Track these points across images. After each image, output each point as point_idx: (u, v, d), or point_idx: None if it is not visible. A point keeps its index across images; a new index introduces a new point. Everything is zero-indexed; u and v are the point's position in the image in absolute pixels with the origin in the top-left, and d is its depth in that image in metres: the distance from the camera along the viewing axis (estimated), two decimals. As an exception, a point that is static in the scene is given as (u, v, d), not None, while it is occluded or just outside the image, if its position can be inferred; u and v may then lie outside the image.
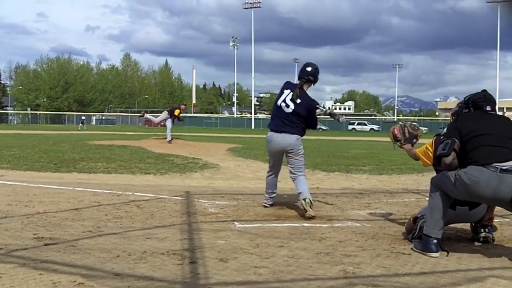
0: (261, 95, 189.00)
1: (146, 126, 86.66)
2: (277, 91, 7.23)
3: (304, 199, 6.55)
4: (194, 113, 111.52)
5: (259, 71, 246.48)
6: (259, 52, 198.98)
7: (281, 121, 6.87)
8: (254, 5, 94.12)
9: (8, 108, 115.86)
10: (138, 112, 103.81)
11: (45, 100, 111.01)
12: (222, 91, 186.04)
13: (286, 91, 6.91)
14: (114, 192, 8.33)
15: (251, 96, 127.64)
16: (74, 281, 3.68)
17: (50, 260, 4.24)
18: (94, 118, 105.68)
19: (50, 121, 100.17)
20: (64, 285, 3.59)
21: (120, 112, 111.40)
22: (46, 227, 5.63)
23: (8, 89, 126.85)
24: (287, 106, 6.82)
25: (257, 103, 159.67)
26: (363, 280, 3.91)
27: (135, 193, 8.22)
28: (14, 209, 6.69)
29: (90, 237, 5.19)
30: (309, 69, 6.98)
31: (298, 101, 6.76)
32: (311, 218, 6.38)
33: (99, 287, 3.60)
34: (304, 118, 6.83)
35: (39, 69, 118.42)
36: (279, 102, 6.91)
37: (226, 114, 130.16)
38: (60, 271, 3.92)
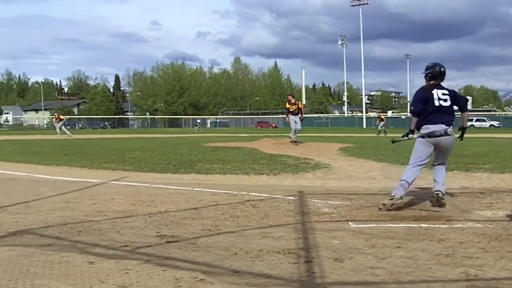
0: (372, 93, 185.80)
1: (259, 127, 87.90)
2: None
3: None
4: (305, 113, 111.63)
5: (369, 69, 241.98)
6: (368, 49, 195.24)
7: (447, 116, 7.03)
8: (362, 2, 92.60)
9: (128, 113, 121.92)
10: (251, 114, 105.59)
11: (162, 105, 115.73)
12: (332, 91, 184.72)
13: (435, 92, 7.03)
14: (230, 192, 8.54)
15: (361, 95, 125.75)
16: (195, 277, 3.83)
17: (172, 257, 4.44)
18: (208, 121, 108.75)
19: (168, 124, 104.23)
20: (186, 281, 3.75)
21: (233, 115, 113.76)
22: (168, 226, 5.90)
23: (127, 95, 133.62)
24: (445, 100, 7.00)
25: (368, 102, 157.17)
26: (486, 283, 3.76)
27: (250, 193, 8.39)
28: (137, 209, 7.05)
29: (209, 235, 5.37)
30: (443, 69, 7.17)
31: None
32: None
33: (219, 283, 3.73)
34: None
35: (155, 75, 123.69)
36: (436, 102, 6.93)
37: (337, 114, 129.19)
38: (182, 268, 4.09)
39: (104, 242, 5.08)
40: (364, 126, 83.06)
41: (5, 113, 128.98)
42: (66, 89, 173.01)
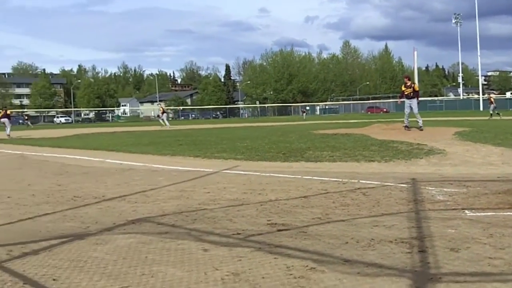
0: (489, 73, 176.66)
1: (369, 113, 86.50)
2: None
3: None
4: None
5: (485, 48, 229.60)
6: (484, 27, 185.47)
7: None
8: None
9: (239, 102, 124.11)
10: (360, 99, 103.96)
11: (271, 93, 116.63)
12: (446, 72, 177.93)
13: None
14: (340, 180, 8.48)
15: (477, 76, 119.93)
16: (306, 266, 3.85)
17: (283, 245, 4.48)
18: (317, 107, 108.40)
19: (277, 112, 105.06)
20: (297, 269, 3.78)
21: (342, 101, 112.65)
22: (279, 214, 5.97)
23: (237, 84, 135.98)
24: None
25: (485, 83, 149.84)
26: None
27: (360, 181, 8.29)
28: (249, 197, 7.19)
29: (319, 224, 5.37)
30: None
31: None
32: None
33: (330, 272, 3.72)
34: None
35: (265, 63, 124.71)
36: None
37: (452, 96, 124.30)
38: (293, 256, 4.13)
39: (218, 230, 5.23)
40: (481, 109, 79.31)
41: (122, 105, 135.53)
42: (179, 80, 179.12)
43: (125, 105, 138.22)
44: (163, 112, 45.67)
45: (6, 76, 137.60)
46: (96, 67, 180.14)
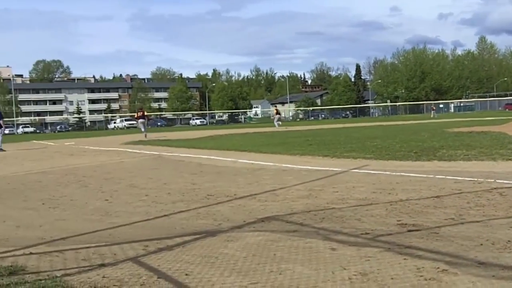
0: None
1: (507, 110, 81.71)
2: None
3: None
4: None
5: None
6: None
7: None
8: None
9: (369, 101, 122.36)
10: (498, 96, 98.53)
11: (403, 91, 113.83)
12: None
13: None
14: (475, 179, 8.09)
15: None
16: (438, 268, 3.71)
17: (413, 246, 4.35)
18: (451, 105, 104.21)
19: (409, 111, 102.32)
20: (428, 271, 3.65)
21: (478, 98, 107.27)
22: (409, 214, 5.80)
23: (368, 83, 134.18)
24: None
25: None
26: None
27: (497, 180, 7.85)
28: (378, 197, 7.06)
29: (452, 225, 5.16)
30: None
31: None
32: None
33: (463, 274, 3.56)
34: None
35: (396, 62, 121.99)
36: None
37: None
38: (424, 257, 3.99)
39: (346, 229, 5.19)
40: None
41: (254, 107, 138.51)
42: (309, 81, 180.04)
43: (257, 107, 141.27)
44: (277, 113, 48.95)
45: (146, 81, 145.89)
46: (229, 70, 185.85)
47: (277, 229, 5.34)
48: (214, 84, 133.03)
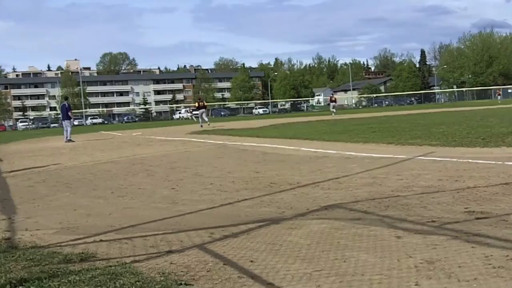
0: None
1: None
2: None
3: None
4: None
5: None
6: None
7: None
8: None
9: (434, 87, 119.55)
10: None
11: (469, 76, 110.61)
12: None
13: None
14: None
15: None
16: (507, 256, 3.62)
17: (481, 234, 4.26)
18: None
19: (476, 96, 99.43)
20: (497, 259, 3.56)
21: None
22: (477, 201, 5.67)
23: (433, 69, 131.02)
24: None
25: None
26: None
27: None
28: (445, 184, 6.92)
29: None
30: None
31: None
32: None
33: (533, 263, 3.46)
34: None
35: (462, 47, 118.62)
36: None
37: None
38: (492, 245, 3.90)
39: (411, 217, 5.12)
40: None
41: (316, 95, 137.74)
42: (372, 68, 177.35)
43: (319, 95, 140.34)
44: (332, 101, 49.26)
45: (209, 71, 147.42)
46: (291, 59, 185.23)
47: (340, 217, 5.33)
48: (276, 73, 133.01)
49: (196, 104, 36.57)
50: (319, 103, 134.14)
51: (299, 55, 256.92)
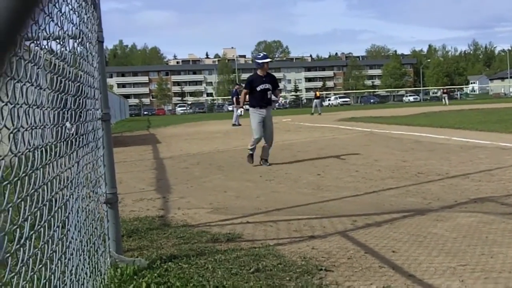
0: None
1: None
2: None
3: None
4: None
5: None
6: None
7: None
8: None
9: None
10: None
11: None
12: None
13: None
14: None
15: None
16: None
17: None
18: None
19: None
20: None
21: None
22: None
23: None
24: None
25: None
26: None
27: None
28: None
29: None
30: None
31: None
32: None
33: None
34: None
35: None
36: None
37: None
38: None
39: None
40: None
41: (471, 83, 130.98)
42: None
43: (474, 83, 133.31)
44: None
45: (360, 59, 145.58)
46: (446, 46, 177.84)
47: (490, 210, 5.10)
48: (429, 60, 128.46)
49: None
50: (474, 91, 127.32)
51: (454, 42, 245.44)
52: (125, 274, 3.50)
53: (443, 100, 47.33)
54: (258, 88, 9.86)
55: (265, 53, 10.88)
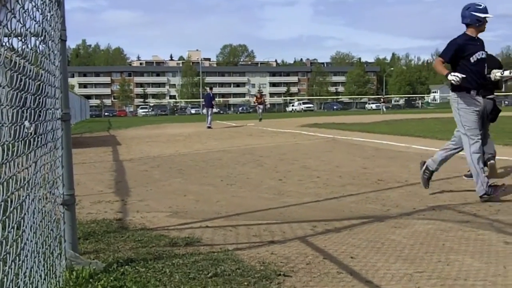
0: None
1: None
2: None
3: None
4: None
5: None
6: None
7: None
8: None
9: None
10: None
11: None
12: None
13: None
14: None
15: None
16: None
17: None
18: None
19: None
20: None
21: None
22: None
23: None
24: None
25: None
26: None
27: None
28: None
29: None
30: None
31: None
32: None
33: None
34: None
35: None
36: None
37: None
38: None
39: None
40: None
41: (433, 92, 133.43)
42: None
43: (435, 92, 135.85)
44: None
45: (325, 65, 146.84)
46: (409, 54, 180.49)
47: (448, 218, 5.18)
48: (392, 68, 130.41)
49: (255, 99, 39.29)
50: (435, 100, 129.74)
51: (417, 51, 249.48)
52: (81, 277, 3.43)
53: (381, 109, 48.02)
54: (472, 59, 6.03)
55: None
